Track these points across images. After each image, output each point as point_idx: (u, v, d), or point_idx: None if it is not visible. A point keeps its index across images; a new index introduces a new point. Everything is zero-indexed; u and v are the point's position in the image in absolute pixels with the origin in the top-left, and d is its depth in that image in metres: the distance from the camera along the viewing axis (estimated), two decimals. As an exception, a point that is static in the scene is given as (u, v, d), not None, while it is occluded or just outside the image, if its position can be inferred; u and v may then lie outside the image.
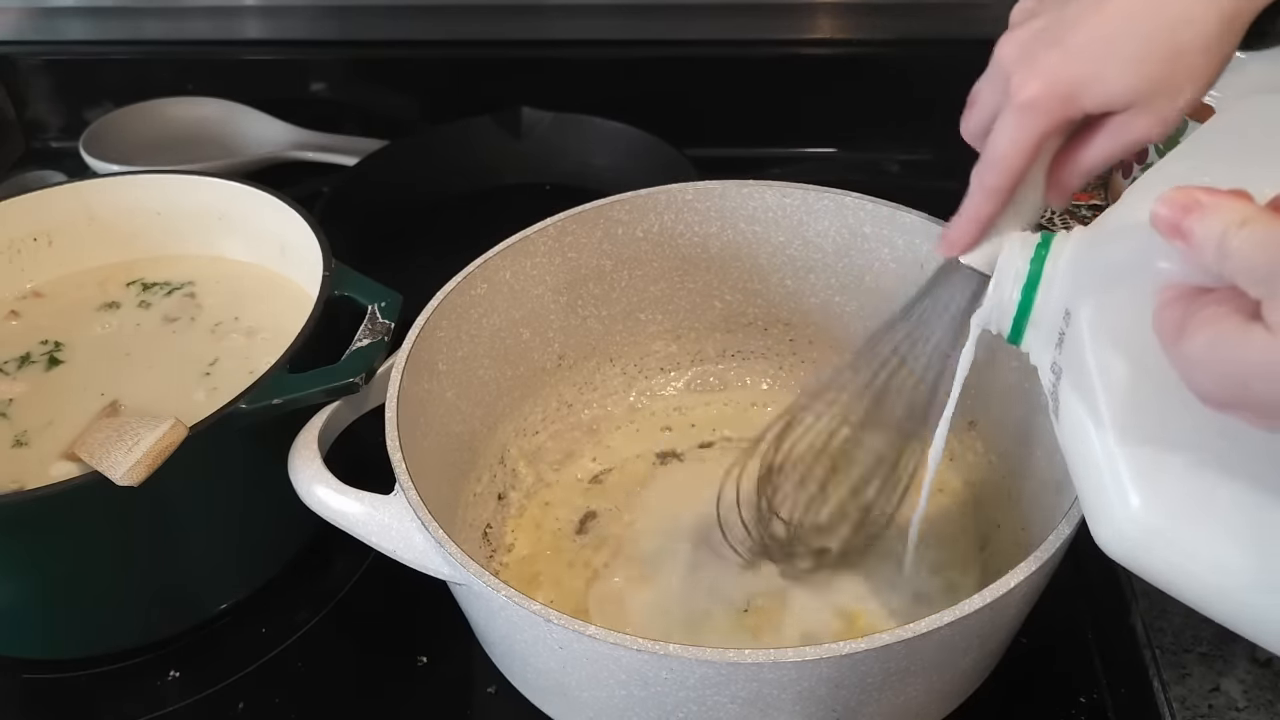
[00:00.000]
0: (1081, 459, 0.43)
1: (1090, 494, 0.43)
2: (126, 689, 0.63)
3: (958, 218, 0.51)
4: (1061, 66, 0.45)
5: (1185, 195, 0.34)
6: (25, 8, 1.05)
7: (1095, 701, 0.59)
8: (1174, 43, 0.44)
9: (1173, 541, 0.40)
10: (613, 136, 0.97)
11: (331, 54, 1.07)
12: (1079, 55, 0.45)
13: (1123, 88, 0.45)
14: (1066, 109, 0.46)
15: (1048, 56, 0.45)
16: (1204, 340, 0.34)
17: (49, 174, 1.03)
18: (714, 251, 0.71)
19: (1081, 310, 0.42)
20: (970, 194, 0.50)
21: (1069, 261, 0.45)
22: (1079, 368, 0.42)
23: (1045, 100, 0.45)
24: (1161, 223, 0.34)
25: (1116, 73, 0.45)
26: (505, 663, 0.56)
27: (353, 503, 0.53)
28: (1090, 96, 0.45)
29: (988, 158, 0.49)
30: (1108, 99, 0.45)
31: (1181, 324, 0.35)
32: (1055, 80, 0.45)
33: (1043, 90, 0.45)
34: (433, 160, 0.98)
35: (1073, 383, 0.43)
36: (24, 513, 0.55)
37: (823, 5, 1.01)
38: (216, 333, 0.71)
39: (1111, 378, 0.41)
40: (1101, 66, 0.45)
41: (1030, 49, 0.46)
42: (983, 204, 0.50)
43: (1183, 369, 0.35)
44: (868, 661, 0.44)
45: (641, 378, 0.75)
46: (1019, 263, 0.46)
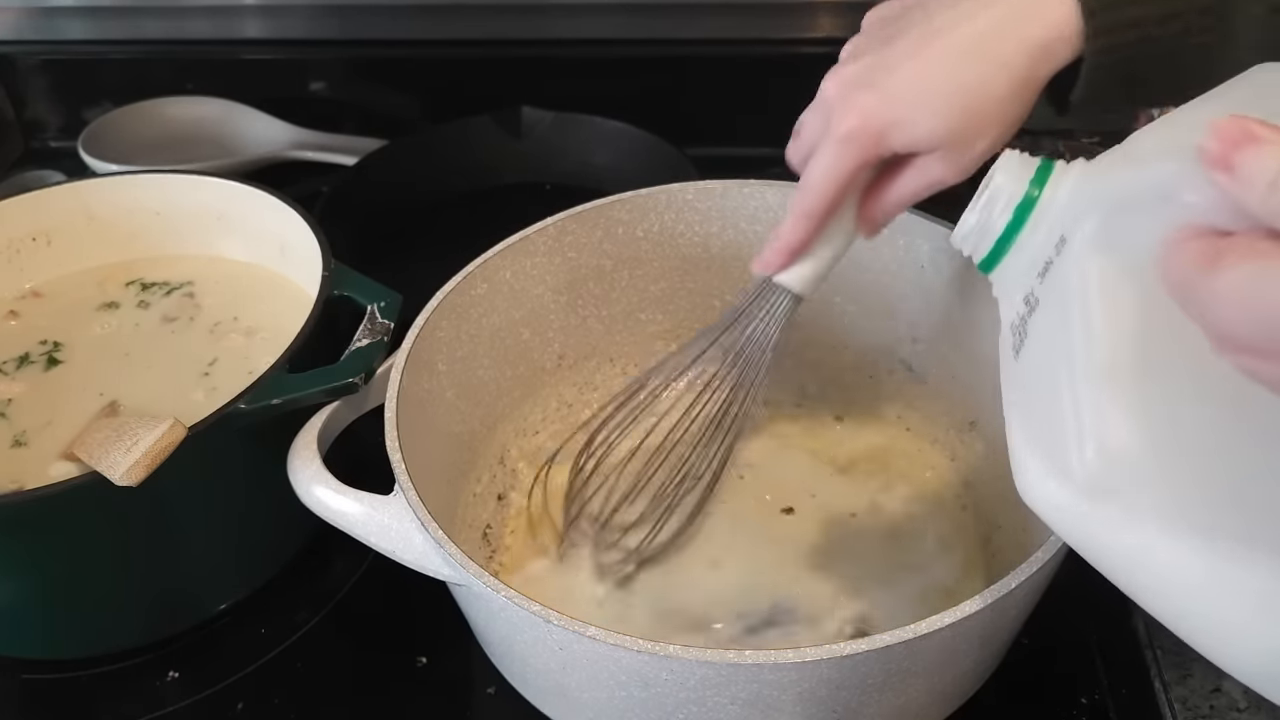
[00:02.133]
0: (1039, 398, 0.41)
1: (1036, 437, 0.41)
2: (126, 689, 0.63)
3: (773, 240, 0.55)
4: (876, 107, 0.49)
5: (1240, 127, 0.31)
6: (24, 7, 1.05)
7: (1097, 702, 0.59)
8: (972, 101, 0.48)
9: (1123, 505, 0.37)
10: (613, 136, 0.96)
11: (331, 53, 1.07)
12: (891, 99, 0.49)
13: (926, 133, 0.49)
14: (877, 146, 0.50)
15: (865, 96, 0.50)
16: (1246, 273, 0.31)
17: (48, 174, 1.03)
18: (715, 251, 0.71)
19: (1078, 238, 0.40)
20: (786, 218, 0.54)
21: (1072, 189, 0.43)
22: (1064, 299, 0.40)
23: (859, 135, 0.50)
24: (1209, 155, 0.32)
25: (922, 120, 0.49)
26: (505, 663, 0.56)
27: (352, 503, 0.53)
28: (899, 137, 0.50)
29: (805, 184, 0.53)
30: (913, 141, 0.50)
31: (1216, 255, 0.32)
32: (869, 118, 0.49)
33: (858, 127, 0.50)
34: (433, 160, 0.98)
35: (1051, 316, 0.41)
36: (23, 513, 0.55)
37: (823, 4, 1.01)
38: (215, 333, 0.71)
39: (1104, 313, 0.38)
40: (910, 112, 0.49)
41: (850, 88, 0.50)
42: (797, 228, 0.54)
43: (1207, 303, 0.32)
44: (869, 662, 0.44)
45: (642, 378, 0.75)
46: (1014, 183, 0.44)
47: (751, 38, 1.03)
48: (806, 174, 0.53)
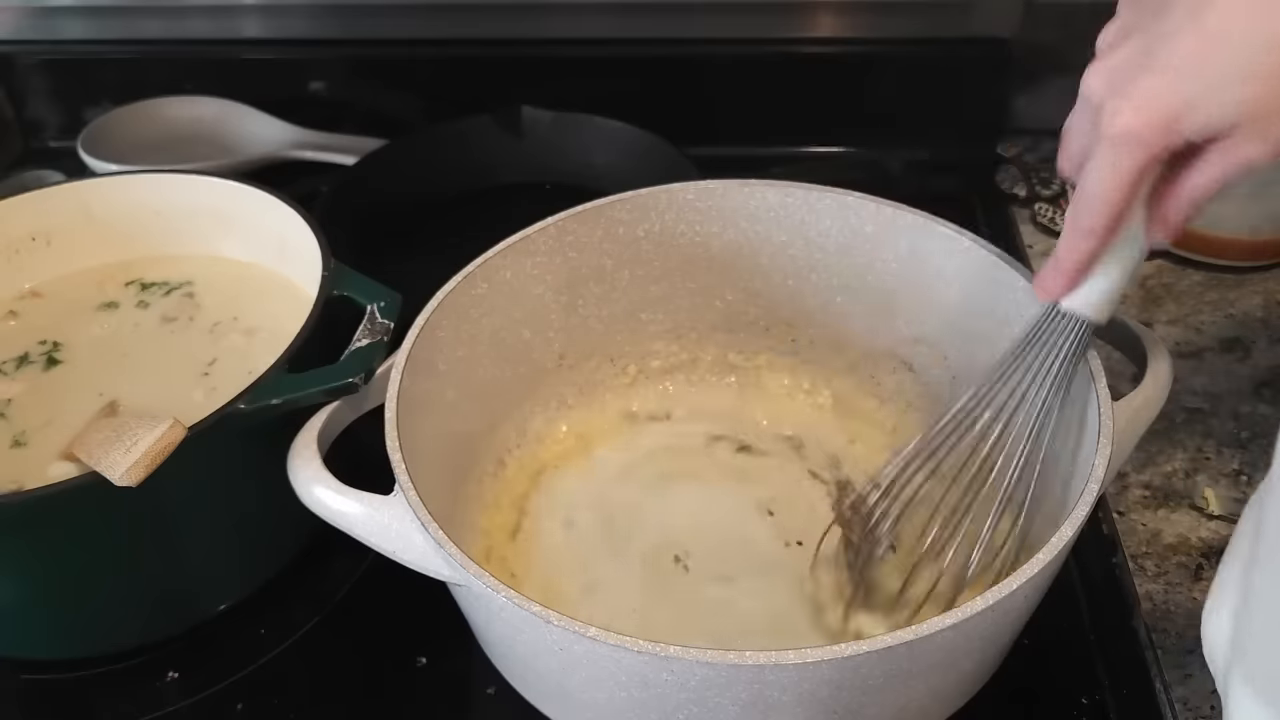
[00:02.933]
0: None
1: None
2: (126, 689, 0.63)
3: (1054, 261, 0.49)
4: (1157, 92, 0.42)
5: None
6: (24, 7, 1.05)
7: (1097, 703, 0.59)
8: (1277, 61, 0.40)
9: None
10: (613, 136, 0.96)
11: (331, 53, 1.06)
12: (1175, 77, 0.41)
13: (1227, 110, 0.41)
14: (1166, 138, 0.43)
15: (1140, 82, 0.42)
16: None
17: (47, 174, 1.03)
18: (715, 251, 0.71)
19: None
20: (1065, 235, 0.48)
21: None
22: None
23: (1141, 130, 0.42)
24: None
25: (1218, 95, 0.41)
26: (505, 664, 0.56)
27: (352, 503, 0.53)
28: (1191, 122, 0.42)
29: (1081, 197, 0.46)
30: (1210, 123, 0.42)
31: None
32: (1150, 108, 0.42)
33: (1137, 120, 0.42)
34: (433, 160, 0.98)
35: None
36: (23, 513, 0.55)
37: (824, 4, 1.01)
38: (215, 333, 0.71)
39: None
40: (1201, 88, 0.41)
41: (1119, 76, 0.43)
42: (1080, 246, 0.47)
43: None
44: (869, 663, 0.44)
45: (642, 378, 0.75)
46: None
47: (752, 38, 1.03)
48: (1080, 187, 0.46)
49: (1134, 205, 0.46)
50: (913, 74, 1.01)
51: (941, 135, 1.01)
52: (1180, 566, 0.62)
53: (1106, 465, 0.50)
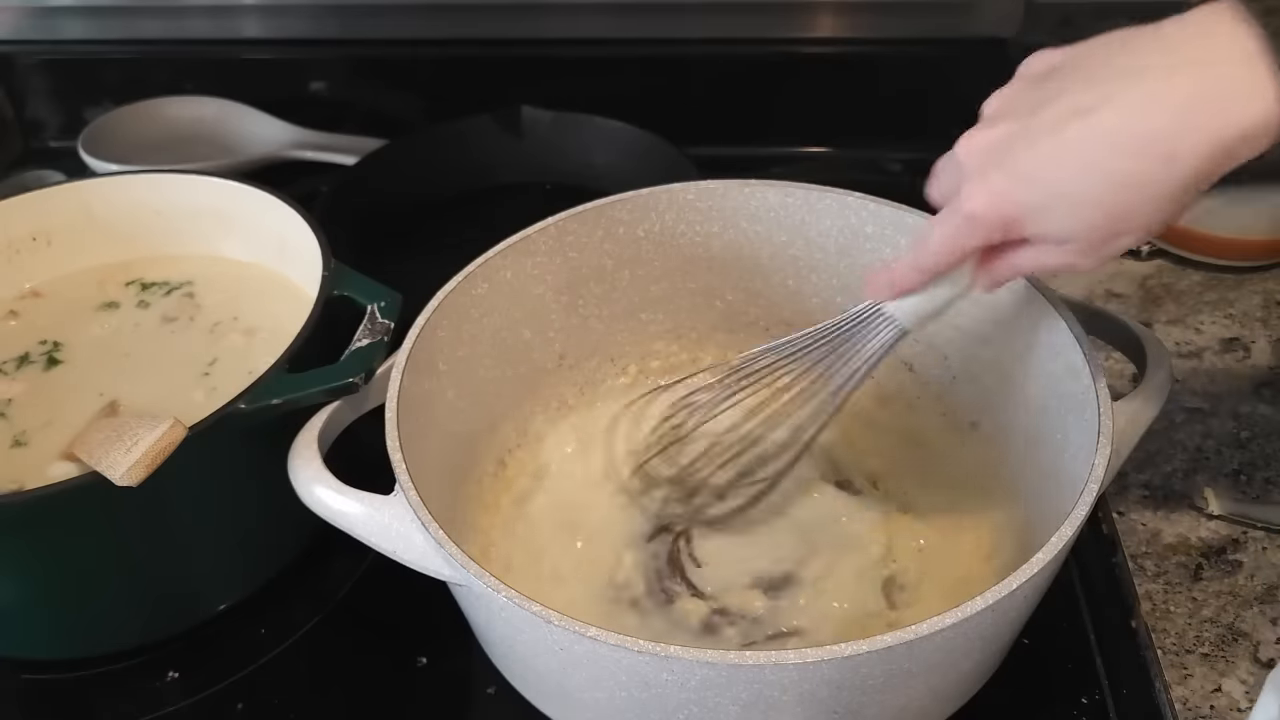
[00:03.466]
0: None
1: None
2: (126, 689, 0.63)
3: (885, 272, 0.54)
4: (1006, 192, 0.45)
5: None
6: (24, 7, 1.05)
7: (1097, 702, 0.59)
8: (1123, 200, 0.42)
9: None
10: (613, 136, 0.96)
11: (331, 53, 1.07)
12: (1025, 185, 0.45)
13: (1060, 227, 0.45)
14: (1004, 232, 0.46)
15: (996, 177, 0.45)
16: None
17: (48, 174, 1.03)
18: (715, 251, 0.71)
19: None
20: (905, 261, 0.52)
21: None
22: None
23: (987, 217, 0.46)
24: None
25: (1058, 213, 0.44)
26: (505, 663, 0.56)
27: (353, 503, 0.53)
28: (1030, 225, 0.46)
29: (925, 242, 0.50)
30: (1044, 233, 0.46)
31: None
32: (998, 204, 0.45)
33: (986, 209, 0.46)
34: (433, 160, 0.98)
35: None
36: (23, 513, 0.55)
37: (824, 4, 1.01)
38: (215, 332, 0.71)
39: None
40: (1045, 202, 0.44)
41: (984, 158, 0.46)
42: (911, 275, 0.52)
43: None
44: (869, 663, 0.44)
45: (643, 378, 0.75)
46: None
47: (751, 38, 1.03)
48: (930, 231, 0.50)
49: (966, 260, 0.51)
50: (913, 74, 1.02)
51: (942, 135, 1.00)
52: (1180, 566, 0.62)
53: (1106, 465, 0.50)
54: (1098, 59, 0.44)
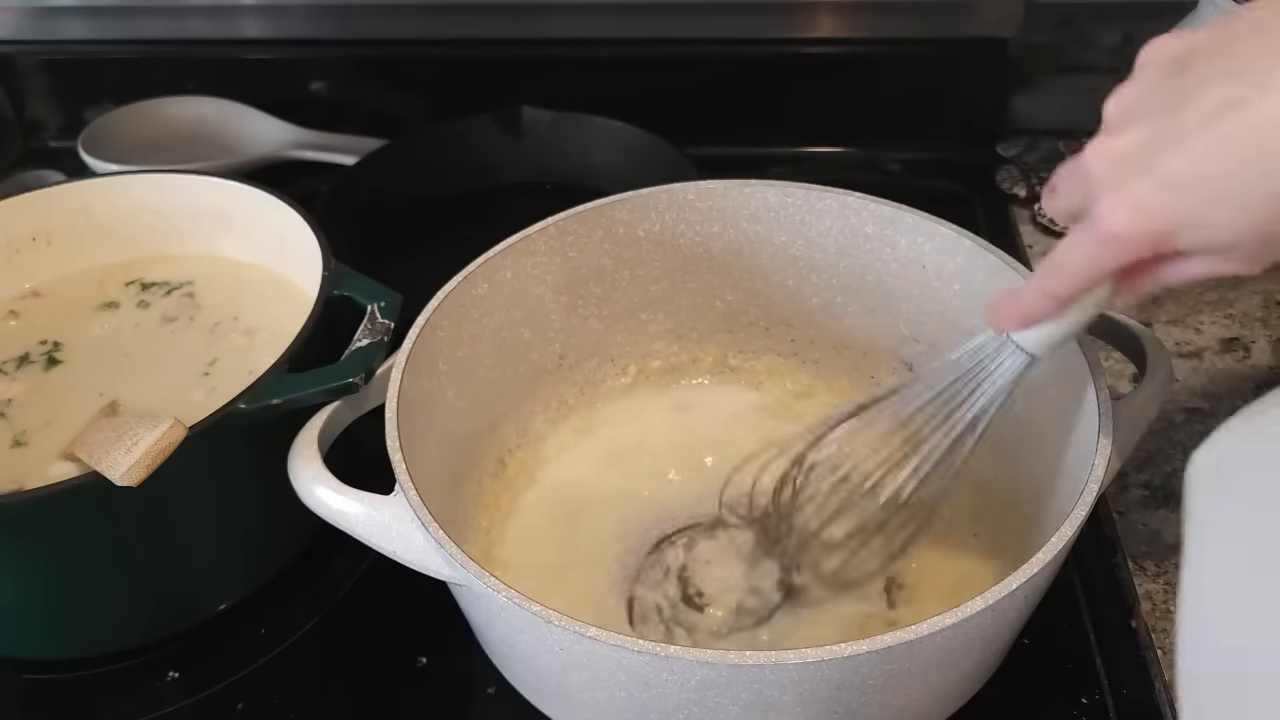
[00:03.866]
0: None
1: None
2: (126, 689, 0.63)
3: (1009, 297, 0.48)
4: (1157, 204, 0.39)
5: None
6: (24, 7, 1.05)
7: (1097, 702, 0.59)
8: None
9: None
10: (613, 136, 0.96)
11: (331, 53, 1.06)
12: (1179, 193, 0.38)
13: (1224, 237, 0.39)
14: (1156, 247, 0.41)
15: (1142, 187, 0.39)
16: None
17: (48, 174, 1.03)
18: (715, 251, 0.71)
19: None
20: (1031, 287, 0.47)
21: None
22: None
23: (1133, 237, 0.40)
24: None
25: (1220, 217, 0.38)
26: (505, 663, 0.56)
27: (353, 503, 0.53)
28: (1185, 238, 0.40)
29: (1055, 266, 0.45)
30: (1206, 244, 0.40)
31: None
32: (1148, 218, 0.39)
33: (1132, 227, 0.40)
34: (432, 160, 0.98)
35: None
36: (23, 513, 0.55)
37: (824, 4, 1.01)
38: (215, 332, 0.71)
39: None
40: (1203, 206, 0.38)
41: (1122, 169, 0.40)
42: (1038, 303, 0.47)
43: None
44: (870, 663, 0.44)
45: (643, 378, 0.75)
46: None
47: (751, 38, 1.03)
48: (1061, 255, 0.44)
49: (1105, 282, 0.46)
50: (913, 74, 1.01)
51: (941, 135, 1.01)
52: (1180, 566, 0.62)
53: (1106, 465, 0.50)
54: (1239, 43, 0.38)
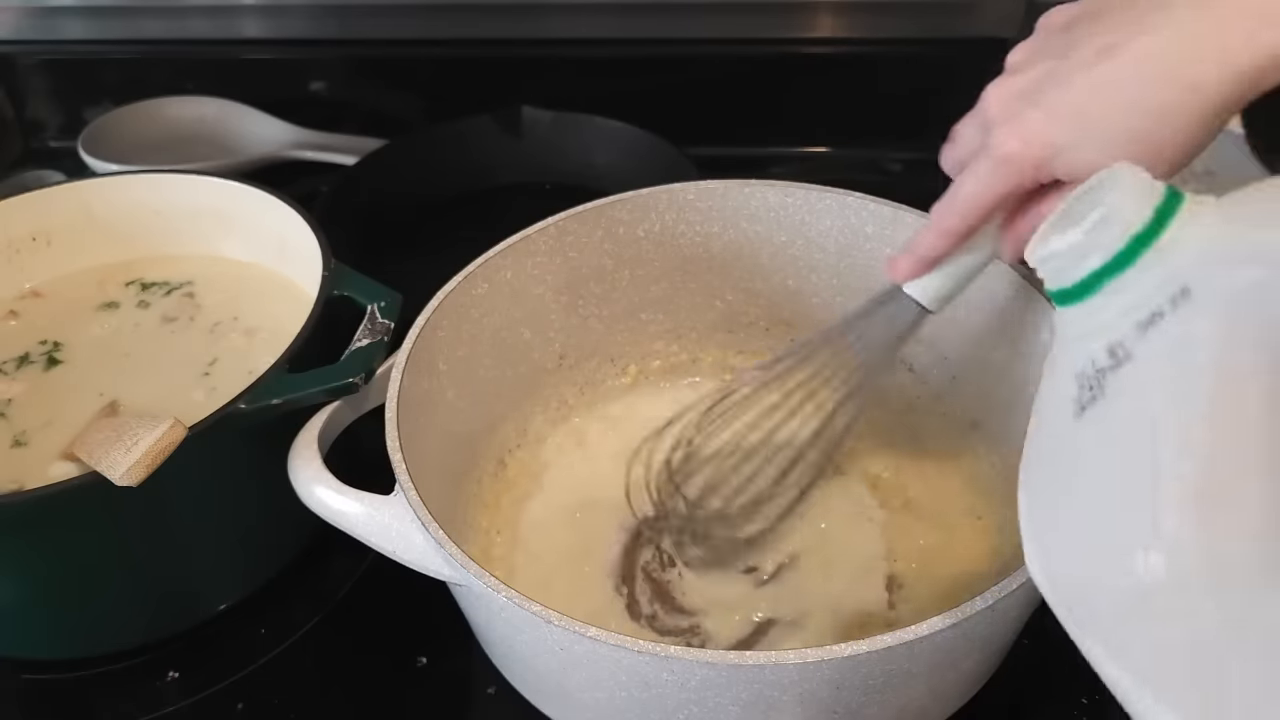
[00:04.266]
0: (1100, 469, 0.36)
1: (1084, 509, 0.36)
2: (126, 689, 0.63)
3: (909, 248, 0.53)
4: (1040, 129, 0.45)
5: None
6: (24, 7, 1.05)
7: (1097, 702, 0.59)
8: (1154, 130, 0.43)
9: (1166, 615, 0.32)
10: (613, 136, 0.96)
11: (331, 53, 1.07)
12: (1059, 122, 0.45)
13: (1093, 163, 0.44)
14: (1036, 172, 0.46)
15: (1030, 115, 0.46)
16: None
17: (48, 174, 1.03)
18: (715, 251, 0.71)
19: (1212, 303, 0.34)
20: (926, 228, 0.52)
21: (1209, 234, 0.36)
22: (1176, 368, 0.34)
23: (1018, 159, 0.46)
24: None
25: (1091, 148, 0.44)
26: (505, 663, 0.56)
27: (353, 503, 0.53)
28: (1062, 165, 0.45)
29: (951, 199, 0.50)
30: (1077, 170, 0.45)
31: None
32: (1031, 141, 0.45)
33: (1018, 149, 0.46)
34: (433, 160, 0.98)
35: (1149, 380, 0.35)
36: (23, 513, 0.55)
37: (824, 4, 1.01)
38: (215, 332, 0.71)
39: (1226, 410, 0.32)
40: (1078, 138, 0.44)
41: (1016, 103, 0.46)
42: (936, 242, 0.51)
43: None
44: (870, 663, 0.44)
45: (643, 378, 0.75)
46: (1134, 210, 0.37)
47: (751, 38, 1.03)
48: (954, 189, 0.49)
49: (992, 218, 0.50)
50: (913, 74, 1.02)
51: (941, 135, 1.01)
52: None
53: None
54: (1115, 11, 0.45)
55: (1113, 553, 0.34)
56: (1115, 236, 0.37)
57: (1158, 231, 0.37)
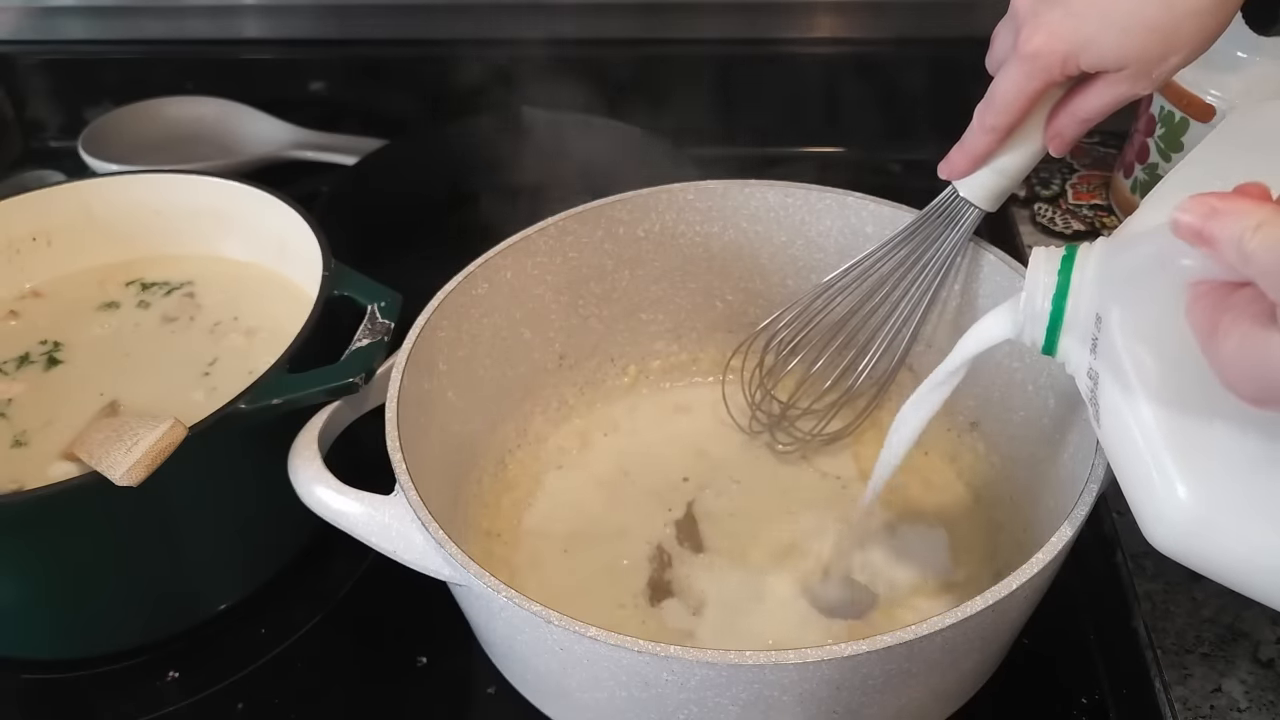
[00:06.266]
0: (1127, 460, 0.44)
1: (1139, 493, 0.44)
2: (126, 689, 0.63)
3: (957, 147, 0.57)
4: (1062, 26, 0.49)
5: (1202, 202, 0.35)
6: (24, 7, 1.05)
7: (1097, 702, 0.59)
8: (1168, 16, 0.47)
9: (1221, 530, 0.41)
10: (613, 136, 0.96)
11: (331, 53, 1.06)
12: (1079, 17, 0.49)
13: (1115, 53, 0.49)
14: (1063, 66, 0.50)
15: (1052, 14, 0.49)
16: (1234, 343, 0.35)
17: (48, 173, 1.03)
18: (715, 251, 0.71)
19: (1112, 313, 0.44)
20: (971, 128, 0.55)
21: (1095, 268, 0.45)
22: (1115, 370, 0.43)
23: (1045, 55, 0.50)
24: (1184, 230, 0.36)
25: (1110, 39, 0.48)
26: (505, 663, 0.56)
27: (353, 503, 0.53)
28: (1085, 57, 0.50)
29: (989, 98, 0.54)
30: (1100, 61, 0.49)
31: (1214, 323, 0.36)
32: (1055, 38, 0.49)
33: (1043, 46, 0.50)
34: (433, 160, 0.98)
35: (1111, 385, 0.44)
36: (23, 513, 0.55)
37: (824, 4, 1.01)
38: (216, 332, 0.71)
39: (1149, 376, 0.42)
40: (1098, 31, 0.49)
41: (1040, 4, 0.50)
42: (980, 139, 0.55)
43: (1217, 367, 0.37)
44: (869, 663, 0.44)
45: (643, 378, 0.75)
46: (1046, 275, 0.47)
47: (751, 38, 1.03)
48: (992, 88, 0.53)
49: (1035, 113, 0.54)
50: (913, 74, 1.01)
51: (941, 135, 1.01)
52: (1180, 566, 0.62)
53: (1106, 465, 0.50)
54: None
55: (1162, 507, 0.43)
56: (1043, 299, 0.47)
57: (1066, 283, 0.46)
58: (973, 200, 0.59)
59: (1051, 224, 0.89)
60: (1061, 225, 0.88)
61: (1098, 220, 0.89)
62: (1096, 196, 0.91)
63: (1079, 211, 0.89)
